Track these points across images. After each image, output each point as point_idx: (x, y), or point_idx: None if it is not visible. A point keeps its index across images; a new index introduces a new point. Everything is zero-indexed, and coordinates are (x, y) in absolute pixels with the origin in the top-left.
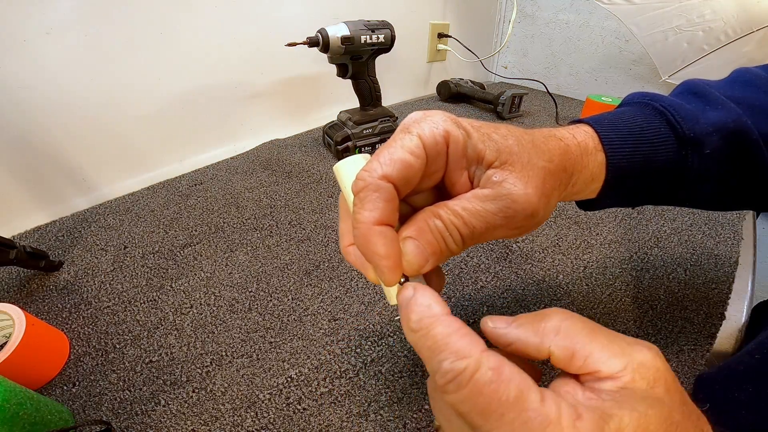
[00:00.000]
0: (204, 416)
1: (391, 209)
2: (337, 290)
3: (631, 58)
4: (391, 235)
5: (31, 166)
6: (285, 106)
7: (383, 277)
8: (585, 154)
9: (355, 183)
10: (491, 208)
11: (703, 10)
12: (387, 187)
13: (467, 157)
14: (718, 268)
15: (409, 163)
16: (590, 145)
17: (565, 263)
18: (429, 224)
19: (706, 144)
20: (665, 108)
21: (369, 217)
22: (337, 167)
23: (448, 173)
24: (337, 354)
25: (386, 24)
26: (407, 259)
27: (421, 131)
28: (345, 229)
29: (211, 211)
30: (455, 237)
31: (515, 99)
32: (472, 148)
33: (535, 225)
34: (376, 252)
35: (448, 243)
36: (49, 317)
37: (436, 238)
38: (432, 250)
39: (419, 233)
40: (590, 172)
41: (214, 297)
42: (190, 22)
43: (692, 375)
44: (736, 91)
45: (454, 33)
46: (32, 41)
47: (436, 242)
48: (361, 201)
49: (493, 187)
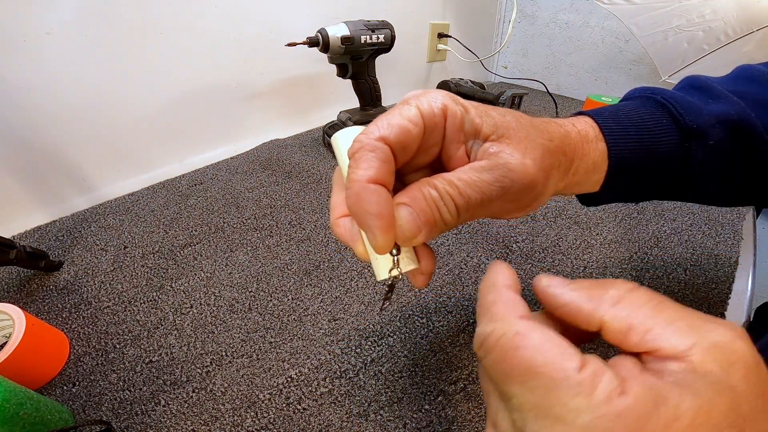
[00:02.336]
0: (204, 416)
1: (387, 170)
2: (337, 290)
3: (631, 58)
4: (386, 194)
5: (31, 166)
6: (285, 106)
7: (374, 241)
8: (585, 141)
9: (352, 146)
10: (487, 178)
11: (703, 10)
12: (383, 147)
13: (464, 132)
14: (718, 268)
15: (407, 128)
16: (591, 133)
17: (565, 263)
18: (423, 192)
19: (709, 135)
20: (666, 100)
21: (363, 176)
22: (335, 137)
23: (445, 148)
24: (337, 354)
25: (386, 24)
26: (400, 225)
27: (420, 103)
28: (336, 201)
29: (211, 211)
30: (450, 207)
31: (515, 99)
32: (470, 123)
33: (533, 200)
34: (368, 211)
35: (443, 213)
36: (49, 317)
37: (430, 207)
38: (426, 219)
39: (413, 201)
40: (591, 160)
41: (214, 297)
42: (190, 22)
43: None
44: (738, 86)
45: (454, 33)
46: (32, 41)
47: (430, 211)
48: (356, 161)
49: (490, 158)
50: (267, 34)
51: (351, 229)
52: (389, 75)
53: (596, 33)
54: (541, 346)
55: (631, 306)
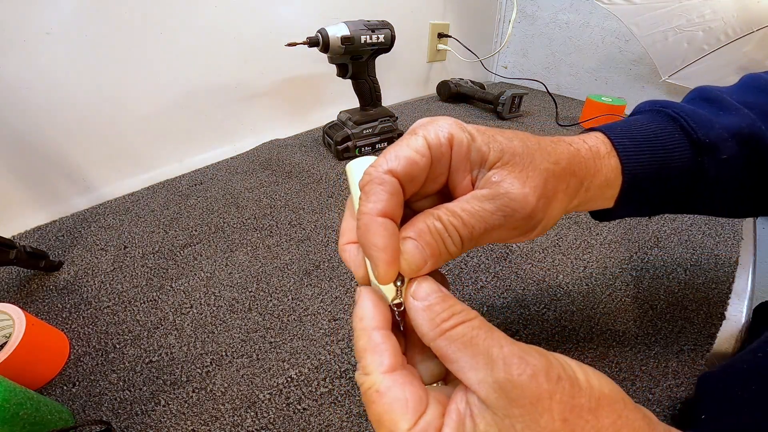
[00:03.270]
0: (204, 416)
1: (394, 203)
2: (337, 290)
3: (631, 58)
4: (392, 228)
5: (31, 166)
6: (285, 106)
7: (377, 271)
8: (597, 158)
9: (362, 178)
10: (489, 208)
11: (703, 10)
12: (392, 181)
13: (470, 161)
14: (718, 268)
15: (414, 160)
16: (602, 149)
17: (565, 263)
18: (428, 225)
19: (721, 149)
20: (678, 114)
21: (372, 209)
22: (349, 167)
23: (451, 176)
24: (337, 354)
25: (386, 24)
26: (406, 258)
27: (427, 133)
28: (346, 228)
29: (211, 211)
30: (454, 239)
31: (515, 99)
32: (476, 151)
33: (535, 227)
34: (374, 243)
35: (447, 245)
36: (49, 317)
37: (435, 240)
38: (431, 251)
39: (419, 234)
40: (604, 176)
41: (214, 297)
42: (190, 22)
43: (692, 375)
44: (748, 96)
45: (454, 33)
46: (32, 41)
47: (435, 244)
48: (366, 194)
49: (491, 187)
50: (267, 34)
51: (357, 256)
52: (389, 75)
53: (596, 33)
54: (389, 406)
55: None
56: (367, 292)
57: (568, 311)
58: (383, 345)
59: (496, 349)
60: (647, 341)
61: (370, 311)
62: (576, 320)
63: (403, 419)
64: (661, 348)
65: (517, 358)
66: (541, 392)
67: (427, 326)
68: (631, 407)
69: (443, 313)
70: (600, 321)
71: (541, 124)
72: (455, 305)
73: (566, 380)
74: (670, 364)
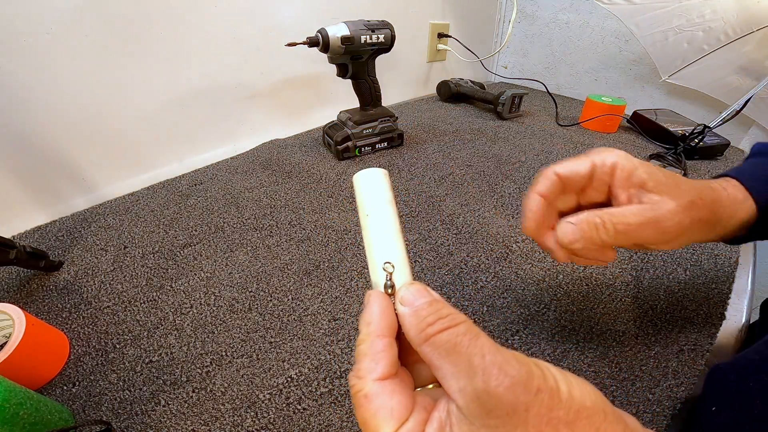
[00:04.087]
0: (204, 416)
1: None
2: (337, 290)
3: (631, 58)
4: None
5: (31, 166)
6: (285, 106)
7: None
8: (735, 203)
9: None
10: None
11: (703, 10)
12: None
13: (631, 183)
14: (718, 268)
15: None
16: (739, 196)
17: (564, 263)
18: (588, 216)
19: None
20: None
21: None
22: (356, 179)
23: (613, 191)
24: (337, 354)
25: (386, 24)
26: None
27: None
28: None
29: (211, 211)
30: (609, 229)
31: (515, 99)
32: (638, 177)
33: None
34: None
35: (601, 232)
36: (49, 317)
37: (589, 227)
38: (582, 234)
39: (578, 221)
40: (739, 218)
41: (214, 297)
42: (190, 23)
43: (692, 375)
44: None
45: (454, 33)
46: (32, 41)
47: (589, 230)
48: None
49: (649, 201)
50: (267, 34)
51: None
52: (389, 75)
53: (596, 33)
54: (376, 411)
55: None
56: (377, 296)
57: (568, 311)
58: (382, 353)
59: (477, 358)
60: (647, 341)
61: (377, 317)
62: (576, 320)
63: (386, 425)
64: (661, 348)
65: (497, 369)
66: (517, 404)
67: (413, 331)
68: (612, 419)
69: (429, 317)
70: (600, 321)
71: (541, 124)
72: (442, 310)
73: (545, 392)
74: (670, 364)
